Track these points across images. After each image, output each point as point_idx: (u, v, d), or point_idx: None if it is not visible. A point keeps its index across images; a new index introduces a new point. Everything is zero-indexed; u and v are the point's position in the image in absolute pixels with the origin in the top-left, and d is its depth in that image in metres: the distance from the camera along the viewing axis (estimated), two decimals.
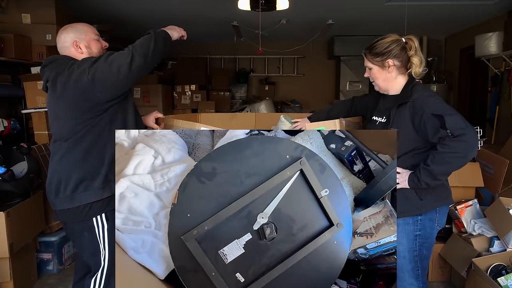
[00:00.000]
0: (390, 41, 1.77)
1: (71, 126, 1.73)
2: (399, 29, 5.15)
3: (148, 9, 4.72)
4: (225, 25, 5.38)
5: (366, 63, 1.84)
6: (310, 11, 4.87)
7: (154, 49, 1.69)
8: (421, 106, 1.68)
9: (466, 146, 1.59)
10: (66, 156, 1.77)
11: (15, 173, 2.64)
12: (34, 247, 2.98)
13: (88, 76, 1.65)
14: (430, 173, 1.65)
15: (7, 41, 3.38)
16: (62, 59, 1.80)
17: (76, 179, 1.74)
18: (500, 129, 4.89)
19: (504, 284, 2.24)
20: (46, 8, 3.71)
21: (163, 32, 1.78)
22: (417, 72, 1.78)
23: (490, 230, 2.59)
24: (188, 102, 6.30)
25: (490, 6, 4.61)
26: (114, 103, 1.74)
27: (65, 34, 1.84)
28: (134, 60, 1.64)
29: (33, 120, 3.61)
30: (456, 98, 6.35)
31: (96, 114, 1.72)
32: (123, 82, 1.69)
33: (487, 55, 4.72)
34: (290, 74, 7.52)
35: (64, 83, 1.70)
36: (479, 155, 3.05)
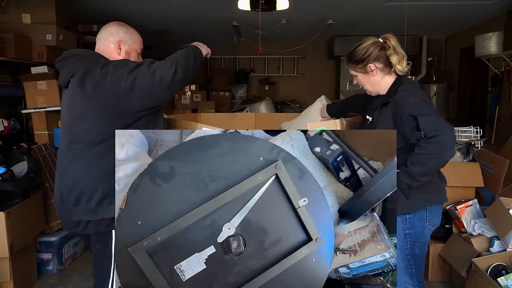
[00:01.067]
0: (367, 45, 1.76)
1: (100, 129, 1.61)
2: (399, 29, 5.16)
3: (148, 9, 4.72)
4: (225, 25, 5.38)
5: (350, 71, 1.85)
6: (310, 11, 4.88)
7: (194, 65, 1.66)
8: (402, 106, 1.68)
9: (440, 147, 1.58)
10: (96, 164, 1.62)
11: (15, 173, 2.64)
12: (34, 247, 2.98)
13: (127, 81, 1.55)
14: (409, 175, 1.64)
15: (7, 41, 3.38)
16: (89, 55, 1.71)
17: (102, 192, 1.61)
18: (500, 129, 4.89)
19: (504, 284, 2.24)
20: (46, 8, 3.71)
21: (196, 48, 1.74)
22: (400, 68, 1.76)
23: (490, 230, 2.59)
24: (188, 102, 6.30)
25: (490, 6, 4.61)
26: (146, 113, 1.64)
27: (116, 29, 1.74)
28: (177, 73, 1.58)
29: (33, 120, 3.62)
30: (456, 98, 6.35)
31: (125, 122, 1.62)
32: (163, 94, 1.61)
33: (487, 55, 4.72)
34: (290, 74, 7.53)
35: (97, 83, 1.58)
36: (479, 155, 3.05)
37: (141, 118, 1.63)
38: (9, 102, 3.92)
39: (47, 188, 3.08)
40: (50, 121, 3.62)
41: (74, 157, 1.66)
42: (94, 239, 1.72)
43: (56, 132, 3.55)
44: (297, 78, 7.51)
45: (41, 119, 3.58)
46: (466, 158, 2.95)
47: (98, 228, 1.66)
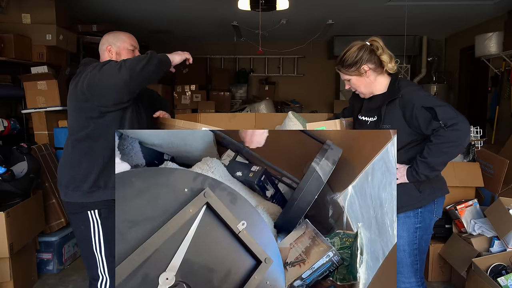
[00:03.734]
0: (357, 49, 1.81)
1: (72, 120, 1.84)
2: (399, 29, 5.17)
3: (148, 9, 4.72)
4: (225, 25, 5.39)
5: (343, 76, 1.88)
6: (310, 11, 4.88)
7: (144, 67, 1.69)
8: (411, 100, 1.71)
9: (460, 135, 1.63)
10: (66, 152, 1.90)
11: (15, 173, 2.64)
12: (34, 247, 2.98)
13: (86, 80, 1.72)
14: (428, 165, 1.68)
15: (7, 41, 3.38)
16: (89, 61, 1.88)
17: (70, 178, 1.86)
18: (500, 129, 4.89)
19: (504, 284, 2.24)
20: (46, 8, 3.71)
21: (161, 55, 1.79)
22: (391, 67, 1.82)
23: (490, 230, 2.59)
24: (188, 102, 6.30)
25: (490, 6, 4.61)
26: (110, 110, 1.76)
27: (105, 38, 1.94)
28: (121, 73, 1.66)
29: (33, 120, 3.62)
30: (456, 98, 6.35)
31: (90, 115, 1.77)
32: (110, 91, 1.71)
33: (487, 55, 4.72)
34: (290, 74, 7.53)
35: (76, 83, 1.77)
36: (479, 155, 3.05)
37: (107, 114, 1.76)
38: (9, 102, 3.92)
39: (47, 188, 3.09)
40: (50, 121, 3.63)
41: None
42: (70, 219, 1.95)
43: (56, 132, 3.56)
44: (297, 78, 7.51)
45: (41, 119, 3.58)
46: (466, 158, 2.95)
47: (68, 209, 1.89)
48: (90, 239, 1.84)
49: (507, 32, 4.46)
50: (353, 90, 1.91)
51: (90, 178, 1.79)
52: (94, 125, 1.77)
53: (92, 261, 1.87)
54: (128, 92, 1.73)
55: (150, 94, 2.14)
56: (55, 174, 3.21)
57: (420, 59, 6.62)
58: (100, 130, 1.77)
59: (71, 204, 1.85)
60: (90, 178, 1.79)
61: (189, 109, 6.25)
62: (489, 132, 5.07)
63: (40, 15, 3.70)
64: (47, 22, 3.70)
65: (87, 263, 1.91)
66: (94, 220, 1.82)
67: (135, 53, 1.94)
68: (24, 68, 3.81)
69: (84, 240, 1.87)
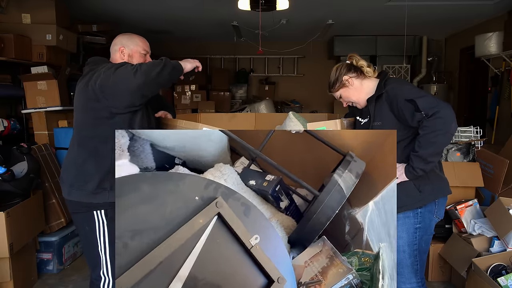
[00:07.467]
0: (335, 69, 1.94)
1: (79, 119, 1.83)
2: (399, 29, 5.17)
3: (148, 9, 4.72)
4: (225, 25, 5.39)
5: (334, 95, 1.97)
6: (310, 11, 4.87)
7: (159, 73, 1.70)
8: (395, 95, 1.75)
9: (443, 121, 1.64)
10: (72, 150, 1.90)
11: (15, 173, 2.64)
12: (34, 247, 2.98)
13: (98, 80, 1.71)
14: (420, 158, 1.69)
15: (7, 41, 3.37)
16: (100, 60, 1.89)
17: (73, 177, 1.84)
18: (500, 129, 4.89)
19: (504, 284, 2.24)
20: (46, 8, 3.71)
21: (175, 62, 1.80)
22: (369, 70, 1.90)
23: (490, 230, 2.59)
24: (188, 102, 6.30)
25: (490, 6, 4.61)
26: (121, 112, 1.76)
27: (118, 39, 1.94)
28: (136, 77, 1.66)
29: (33, 120, 3.62)
30: (456, 98, 6.34)
31: (100, 116, 1.76)
32: (124, 93, 1.70)
33: (487, 55, 4.72)
34: (290, 74, 7.52)
35: (87, 82, 1.77)
36: (479, 155, 3.05)
37: (116, 116, 1.76)
38: (9, 102, 3.92)
39: (47, 188, 3.09)
40: (50, 121, 3.63)
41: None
42: (74, 218, 1.93)
43: (56, 132, 3.56)
44: (297, 78, 7.51)
45: (41, 119, 3.58)
46: (466, 158, 2.95)
47: (71, 208, 1.87)
48: (95, 239, 1.83)
49: (507, 32, 4.46)
50: (349, 104, 1.98)
51: (96, 179, 1.78)
52: (103, 125, 1.76)
53: (96, 262, 1.85)
54: (141, 96, 1.73)
55: (158, 99, 2.14)
56: (55, 174, 3.21)
57: (420, 59, 6.61)
58: (108, 132, 1.75)
59: (74, 203, 1.84)
60: (96, 179, 1.78)
61: (189, 109, 6.25)
62: (489, 132, 5.06)
63: (40, 15, 3.70)
64: (47, 22, 3.70)
65: (90, 263, 1.90)
66: (100, 220, 1.81)
67: (146, 57, 1.95)
68: (24, 68, 3.81)
69: (89, 240, 1.85)
